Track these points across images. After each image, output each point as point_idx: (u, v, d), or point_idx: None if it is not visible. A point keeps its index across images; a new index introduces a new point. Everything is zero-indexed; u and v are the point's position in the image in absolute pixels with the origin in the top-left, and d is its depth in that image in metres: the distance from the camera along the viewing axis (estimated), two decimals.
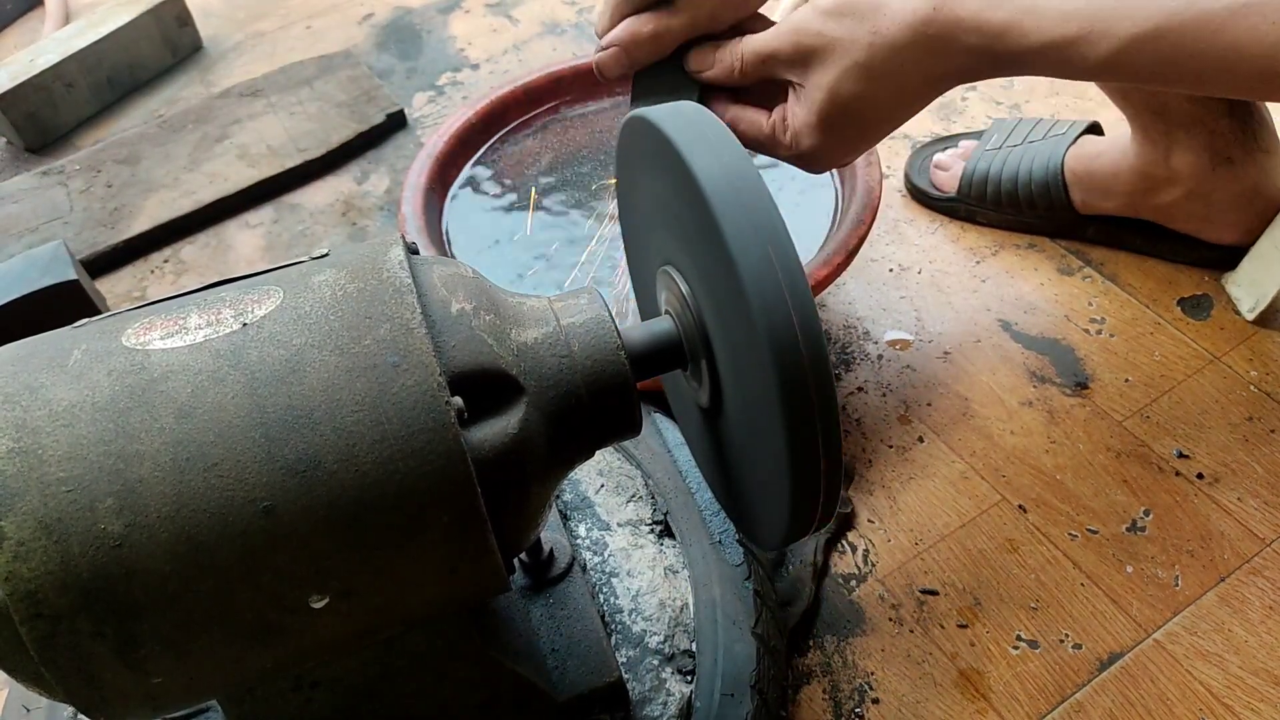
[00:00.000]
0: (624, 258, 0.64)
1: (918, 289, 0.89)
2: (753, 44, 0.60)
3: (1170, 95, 0.77)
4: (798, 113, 0.59)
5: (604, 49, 0.62)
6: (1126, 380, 0.80)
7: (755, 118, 0.62)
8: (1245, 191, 0.81)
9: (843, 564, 0.71)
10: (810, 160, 0.61)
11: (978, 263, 0.91)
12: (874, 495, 0.75)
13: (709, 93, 0.63)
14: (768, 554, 0.69)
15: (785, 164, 0.63)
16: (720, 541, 0.65)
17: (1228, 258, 0.85)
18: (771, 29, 0.60)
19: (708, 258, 0.44)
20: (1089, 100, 1.06)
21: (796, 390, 0.40)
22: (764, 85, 0.62)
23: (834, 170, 0.87)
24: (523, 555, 0.59)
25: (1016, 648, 0.66)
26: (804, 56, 0.58)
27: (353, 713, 0.49)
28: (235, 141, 1.11)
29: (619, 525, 0.65)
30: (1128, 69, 0.53)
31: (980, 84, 1.09)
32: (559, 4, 1.31)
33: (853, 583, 0.70)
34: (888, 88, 0.57)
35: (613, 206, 0.89)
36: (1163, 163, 0.81)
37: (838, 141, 0.59)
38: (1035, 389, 0.81)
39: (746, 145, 0.62)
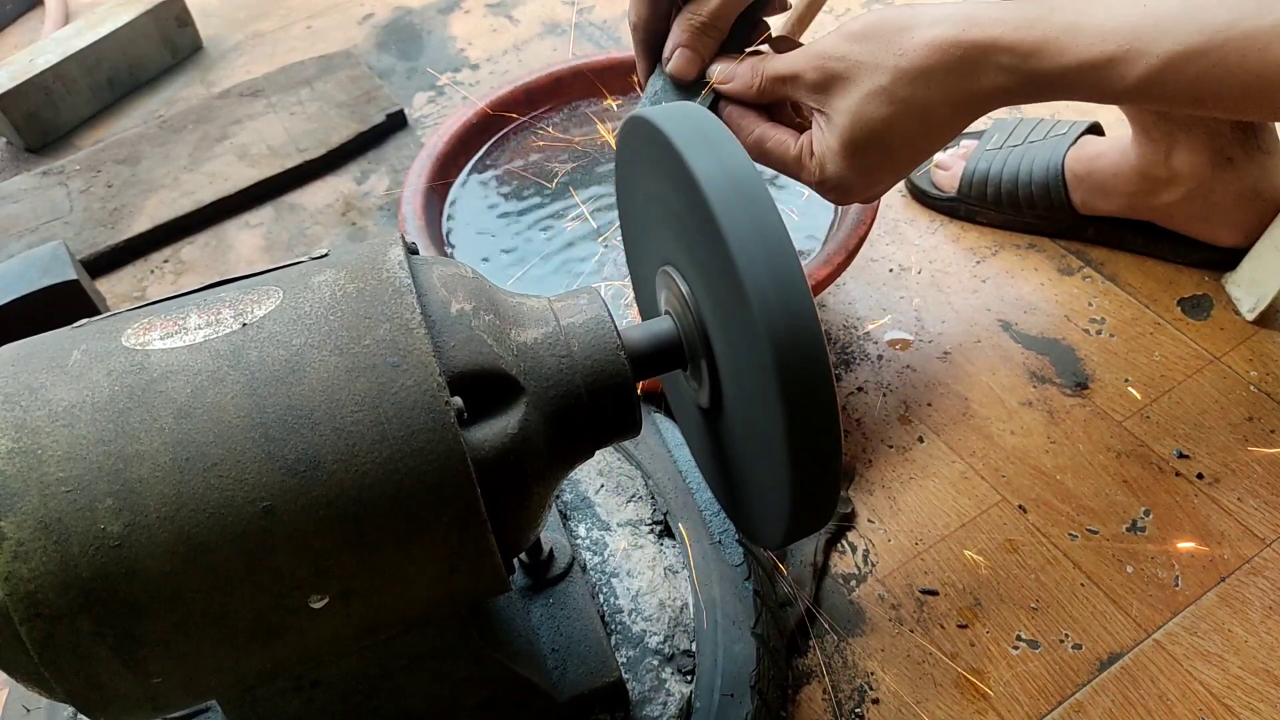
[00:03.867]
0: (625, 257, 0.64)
1: (918, 289, 0.89)
2: (774, 65, 0.59)
3: None
4: (822, 139, 0.57)
5: (674, 50, 0.60)
6: (1126, 380, 0.80)
7: (783, 138, 0.60)
8: (1245, 192, 0.81)
9: (843, 564, 0.71)
10: (837, 189, 0.59)
11: (978, 263, 0.91)
12: (874, 495, 0.75)
13: (723, 103, 0.62)
14: (768, 554, 0.69)
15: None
16: (720, 541, 0.65)
17: (1228, 258, 0.85)
18: (795, 51, 0.58)
19: (708, 258, 0.44)
20: None
21: (796, 390, 0.40)
22: (785, 108, 0.61)
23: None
24: (523, 555, 0.59)
25: (1016, 648, 0.66)
26: (827, 81, 0.56)
27: (353, 713, 0.49)
28: (235, 141, 1.11)
29: (619, 525, 0.65)
30: (1168, 89, 0.52)
31: None
32: (559, 4, 1.31)
33: (853, 583, 0.70)
34: (913, 113, 0.55)
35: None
36: (1163, 163, 0.81)
37: (863, 170, 0.57)
38: (1035, 389, 0.81)
39: (773, 165, 0.61)
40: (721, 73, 0.61)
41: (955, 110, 0.55)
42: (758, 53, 0.61)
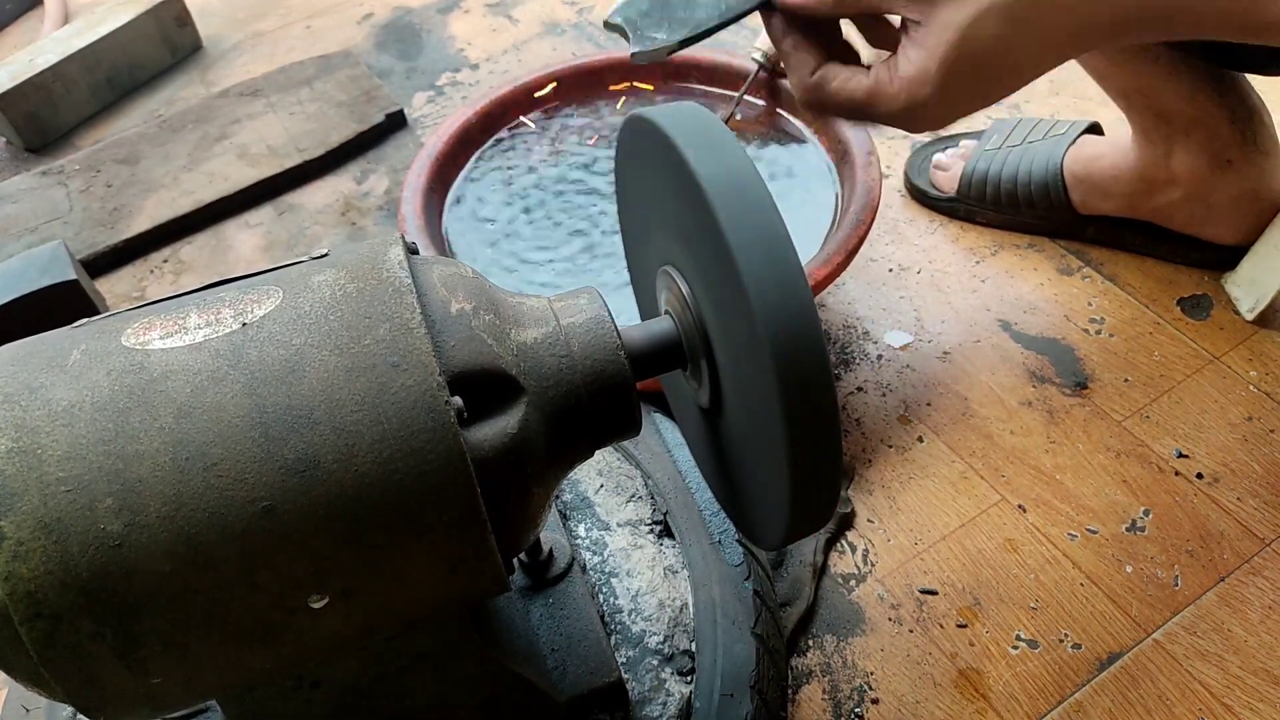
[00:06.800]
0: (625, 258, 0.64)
1: (918, 289, 0.89)
2: None
3: (1172, 97, 0.77)
4: (914, 57, 0.50)
5: None
6: (1126, 380, 0.80)
7: (849, 74, 0.53)
8: (1244, 194, 0.81)
9: (842, 564, 0.71)
10: (918, 116, 0.52)
11: (978, 263, 0.91)
12: (874, 495, 0.75)
13: (777, 26, 0.56)
14: (768, 554, 0.69)
15: (789, 160, 0.62)
16: (720, 541, 0.65)
17: (1227, 258, 0.85)
18: None
19: (708, 258, 0.44)
20: (1089, 100, 1.06)
21: (796, 390, 0.40)
22: (841, 42, 0.56)
23: (833, 165, 0.87)
24: (523, 555, 0.59)
25: (1016, 648, 0.66)
26: None
27: (353, 713, 0.49)
28: (235, 141, 1.11)
29: (619, 525, 0.65)
30: None
31: None
32: (559, 4, 1.31)
33: (852, 583, 0.70)
34: (1030, 35, 0.48)
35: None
36: (1162, 165, 0.81)
37: (957, 95, 0.51)
38: (1035, 389, 0.81)
39: (837, 109, 0.55)
40: None
41: (1073, 36, 0.49)
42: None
